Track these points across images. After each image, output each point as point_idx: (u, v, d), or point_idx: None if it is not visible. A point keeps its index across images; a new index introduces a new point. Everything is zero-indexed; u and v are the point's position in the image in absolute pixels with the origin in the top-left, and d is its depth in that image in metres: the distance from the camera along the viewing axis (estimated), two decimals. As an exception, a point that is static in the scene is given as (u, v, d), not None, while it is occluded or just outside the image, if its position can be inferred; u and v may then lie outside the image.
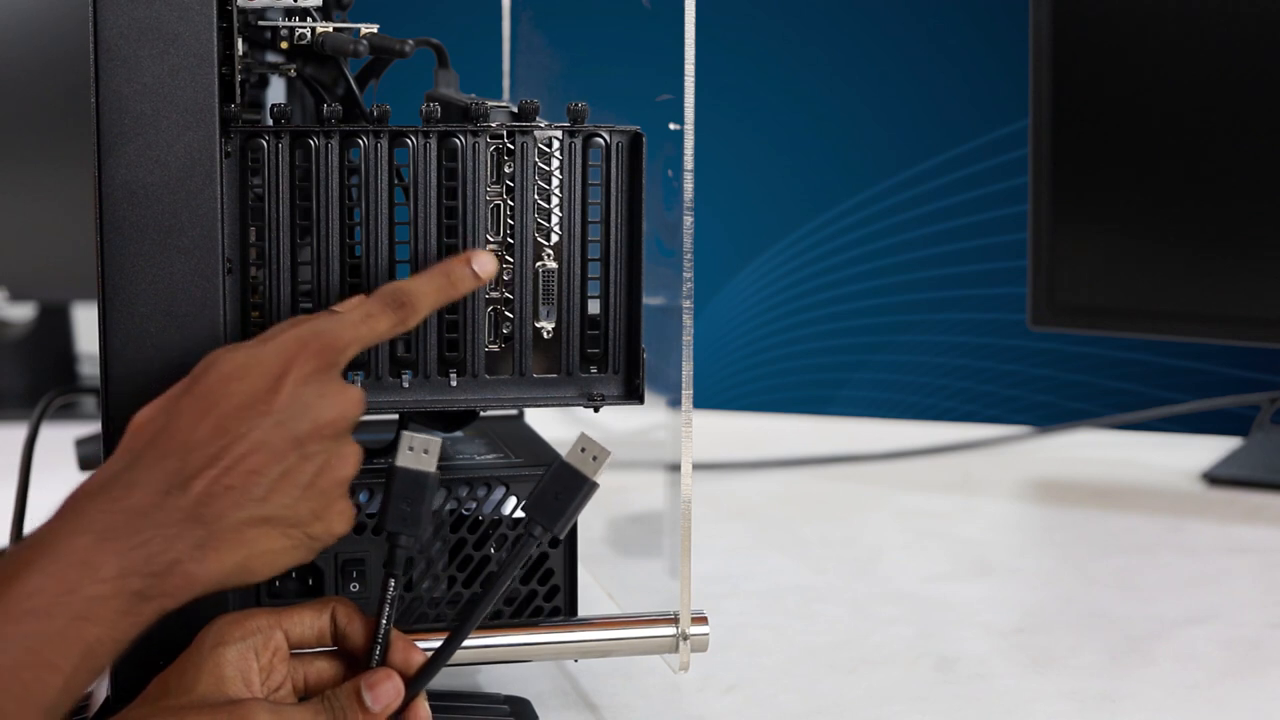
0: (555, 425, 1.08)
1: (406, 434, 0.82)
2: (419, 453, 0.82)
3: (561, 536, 0.85)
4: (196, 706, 0.76)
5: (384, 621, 0.81)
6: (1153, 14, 1.50)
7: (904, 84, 2.09)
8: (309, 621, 0.82)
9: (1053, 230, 1.55)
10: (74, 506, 0.73)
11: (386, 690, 0.80)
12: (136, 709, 0.77)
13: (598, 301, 0.91)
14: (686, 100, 0.89)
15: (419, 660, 0.82)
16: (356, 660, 0.82)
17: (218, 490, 0.74)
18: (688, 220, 0.90)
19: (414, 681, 0.82)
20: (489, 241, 0.88)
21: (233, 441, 0.75)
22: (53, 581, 0.70)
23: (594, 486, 0.84)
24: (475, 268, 0.85)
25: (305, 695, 0.82)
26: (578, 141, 0.89)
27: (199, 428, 0.75)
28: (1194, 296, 1.52)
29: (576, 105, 0.89)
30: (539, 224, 0.89)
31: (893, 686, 1.04)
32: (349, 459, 0.79)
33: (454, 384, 0.89)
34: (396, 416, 0.93)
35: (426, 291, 0.84)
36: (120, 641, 0.72)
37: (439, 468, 0.83)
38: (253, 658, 0.79)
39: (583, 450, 0.84)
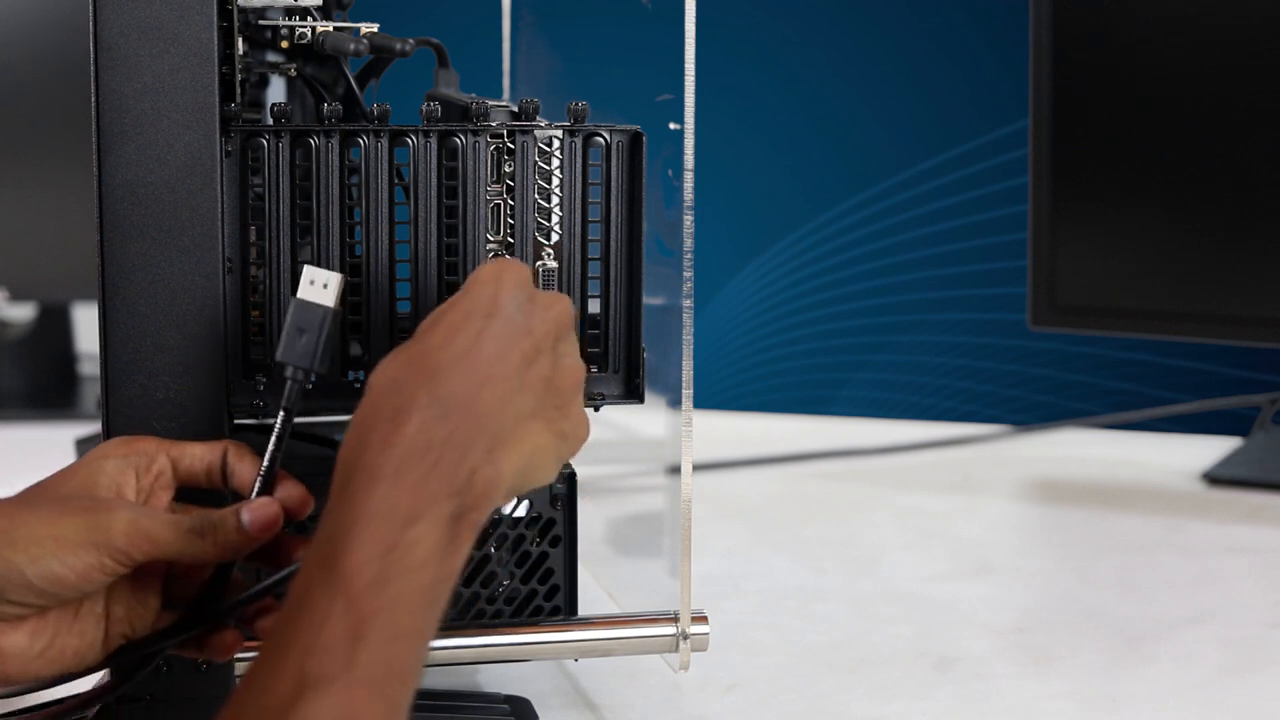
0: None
1: (309, 268, 0.80)
2: (319, 286, 0.80)
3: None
4: (59, 500, 0.75)
5: (270, 454, 0.80)
6: (1153, 14, 1.50)
7: (904, 84, 2.09)
8: (199, 454, 0.80)
9: (1053, 230, 1.55)
10: (351, 464, 0.69)
11: (265, 513, 0.77)
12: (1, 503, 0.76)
13: (598, 301, 0.91)
14: (686, 100, 0.89)
15: (304, 497, 0.80)
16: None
17: (483, 393, 0.71)
18: (688, 220, 0.90)
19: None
20: (489, 240, 0.88)
21: (475, 345, 0.73)
22: (371, 546, 0.66)
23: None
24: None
25: None
26: (578, 141, 0.89)
27: (439, 353, 0.72)
28: (1194, 296, 1.52)
29: (577, 105, 0.89)
30: (539, 223, 0.89)
31: (893, 686, 1.04)
32: (577, 363, 0.78)
33: (454, 383, 0.89)
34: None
35: None
36: (452, 575, 0.68)
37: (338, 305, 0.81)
38: (132, 475, 0.78)
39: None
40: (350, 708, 0.62)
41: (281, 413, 0.80)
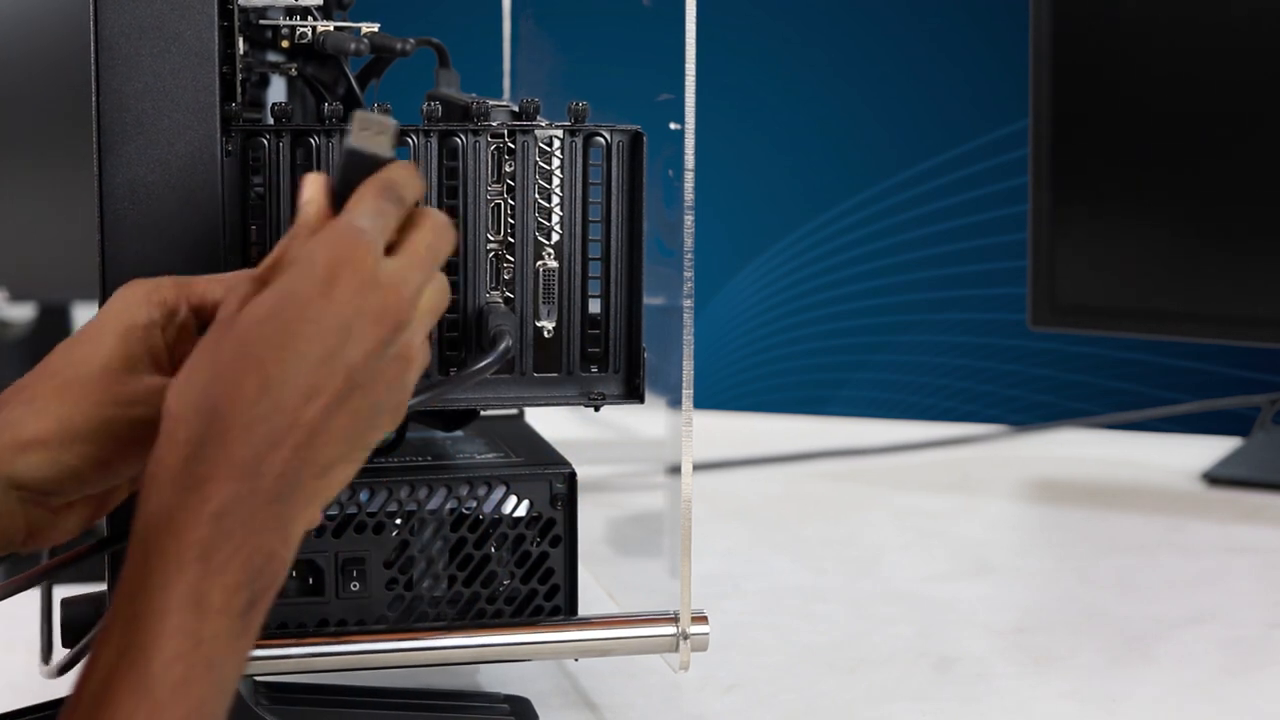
0: (556, 425, 1.08)
1: (361, 113, 0.74)
2: (373, 134, 0.73)
3: None
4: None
5: None
6: (1153, 13, 1.50)
7: (904, 84, 2.09)
8: (218, 295, 0.76)
9: (1053, 230, 1.55)
10: (156, 534, 0.66)
11: None
12: (35, 380, 0.79)
13: (598, 301, 0.91)
14: (687, 100, 0.89)
15: None
16: None
17: (293, 463, 0.67)
18: (688, 220, 0.90)
19: None
20: (489, 240, 0.88)
21: (285, 402, 0.67)
22: (177, 642, 0.64)
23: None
24: None
25: None
26: (578, 141, 0.89)
27: (249, 396, 0.67)
28: (1194, 296, 1.52)
29: (577, 104, 0.89)
30: (540, 223, 0.89)
31: (893, 686, 1.04)
32: (396, 368, 0.71)
33: (454, 383, 0.89)
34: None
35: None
36: (242, 664, 0.67)
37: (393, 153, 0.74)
38: (159, 336, 0.76)
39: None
40: None
41: None
